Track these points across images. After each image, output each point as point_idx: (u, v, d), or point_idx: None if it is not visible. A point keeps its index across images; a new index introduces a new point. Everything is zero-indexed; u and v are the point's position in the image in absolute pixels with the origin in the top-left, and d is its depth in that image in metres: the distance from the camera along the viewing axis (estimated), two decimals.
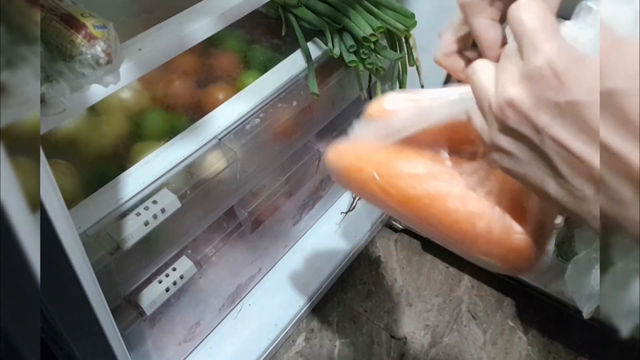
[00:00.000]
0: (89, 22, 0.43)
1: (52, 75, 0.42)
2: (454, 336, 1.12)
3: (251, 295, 1.04)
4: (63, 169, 0.65)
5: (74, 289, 0.45)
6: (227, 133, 0.71)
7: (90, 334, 0.52)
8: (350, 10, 0.81)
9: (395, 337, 1.11)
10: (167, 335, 0.85)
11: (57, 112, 0.42)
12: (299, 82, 0.80)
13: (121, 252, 0.58)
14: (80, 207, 0.59)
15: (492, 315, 1.16)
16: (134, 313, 0.68)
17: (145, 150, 0.68)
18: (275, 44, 0.88)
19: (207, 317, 0.94)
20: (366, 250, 1.25)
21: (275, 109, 0.76)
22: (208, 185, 0.68)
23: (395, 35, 0.89)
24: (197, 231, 0.75)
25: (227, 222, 0.81)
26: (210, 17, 0.56)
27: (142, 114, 0.75)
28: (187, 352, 0.94)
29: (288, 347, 1.06)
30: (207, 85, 0.81)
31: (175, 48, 0.54)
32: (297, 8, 0.83)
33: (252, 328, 0.99)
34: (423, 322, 1.14)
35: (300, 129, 0.86)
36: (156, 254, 0.70)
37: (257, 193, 0.84)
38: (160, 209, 0.61)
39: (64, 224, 0.39)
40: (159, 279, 0.71)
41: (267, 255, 1.04)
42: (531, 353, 1.10)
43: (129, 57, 0.49)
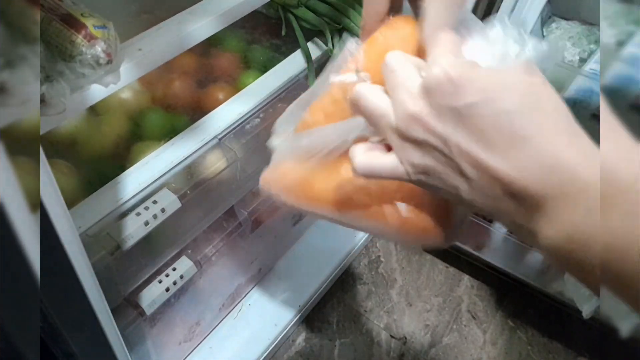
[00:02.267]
0: (89, 22, 0.43)
1: (52, 75, 0.42)
2: (453, 336, 1.12)
3: (251, 295, 1.04)
4: (63, 169, 0.64)
5: (74, 289, 0.45)
6: (227, 133, 0.71)
7: (90, 334, 0.52)
8: (350, 10, 0.81)
9: (395, 337, 1.11)
10: (167, 335, 0.85)
11: (57, 112, 0.42)
12: (299, 82, 0.80)
13: (121, 252, 0.58)
14: (80, 207, 0.59)
15: (492, 315, 1.16)
16: (134, 313, 0.68)
17: (145, 150, 0.68)
18: (275, 44, 0.88)
19: (207, 317, 0.94)
20: (366, 250, 1.25)
21: (275, 109, 0.76)
22: (208, 185, 0.68)
23: None
24: (197, 231, 0.75)
25: (227, 222, 0.81)
26: (210, 17, 0.56)
27: (142, 114, 0.75)
28: (187, 352, 0.94)
29: (288, 347, 1.06)
30: (207, 85, 0.81)
31: (175, 48, 0.54)
32: (297, 8, 0.83)
33: (252, 328, 0.99)
34: (423, 322, 1.14)
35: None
36: (156, 254, 0.70)
37: (257, 193, 0.84)
38: (160, 209, 0.61)
39: (64, 224, 0.39)
40: (159, 279, 0.71)
41: (267, 255, 1.04)
42: (531, 353, 1.10)
43: (129, 57, 0.49)
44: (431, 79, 0.29)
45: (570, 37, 0.94)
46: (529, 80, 0.29)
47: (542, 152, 0.27)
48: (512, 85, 0.28)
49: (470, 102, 0.28)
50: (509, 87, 0.28)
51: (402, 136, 0.31)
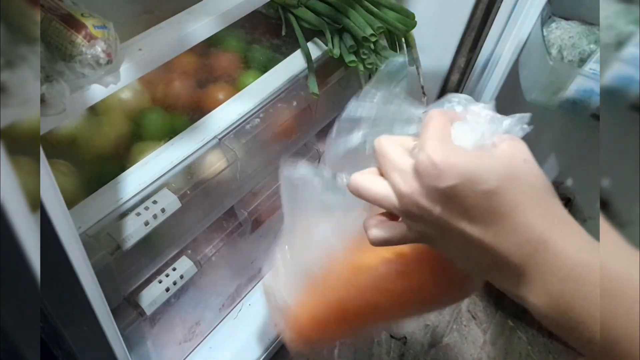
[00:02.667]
0: (89, 22, 0.43)
1: (52, 75, 0.42)
2: (453, 336, 1.12)
3: (251, 295, 1.04)
4: (63, 169, 0.64)
5: (74, 289, 0.45)
6: (227, 133, 0.71)
7: (90, 334, 0.52)
8: (350, 10, 0.81)
9: (395, 337, 1.11)
10: (167, 335, 0.85)
11: (57, 112, 0.42)
12: (299, 82, 0.80)
13: (121, 252, 0.58)
14: (80, 207, 0.59)
15: (492, 315, 1.16)
16: (134, 313, 0.68)
17: (145, 150, 0.68)
18: (275, 44, 0.88)
19: (207, 317, 0.94)
20: None
21: (275, 109, 0.76)
22: (208, 185, 0.68)
23: (395, 35, 0.89)
24: (197, 231, 0.75)
25: (227, 222, 0.81)
26: (210, 17, 0.56)
27: (142, 114, 0.75)
28: (187, 352, 0.94)
29: None
30: (207, 85, 0.81)
31: (175, 48, 0.54)
32: (297, 8, 0.83)
33: (252, 328, 0.99)
34: (423, 322, 1.14)
35: (300, 129, 0.86)
36: (156, 254, 0.70)
37: (257, 193, 0.84)
38: (160, 209, 0.61)
39: (64, 224, 0.39)
40: (159, 279, 0.71)
41: (267, 255, 1.04)
42: (531, 353, 1.10)
43: (129, 57, 0.49)
44: (418, 163, 0.33)
45: (570, 37, 0.94)
46: (508, 158, 0.32)
47: (517, 227, 0.31)
48: (490, 168, 0.31)
49: (452, 185, 0.31)
50: (486, 169, 0.31)
51: (403, 211, 0.35)
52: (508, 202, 0.31)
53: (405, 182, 0.34)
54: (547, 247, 0.30)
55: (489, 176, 0.31)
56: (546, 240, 0.30)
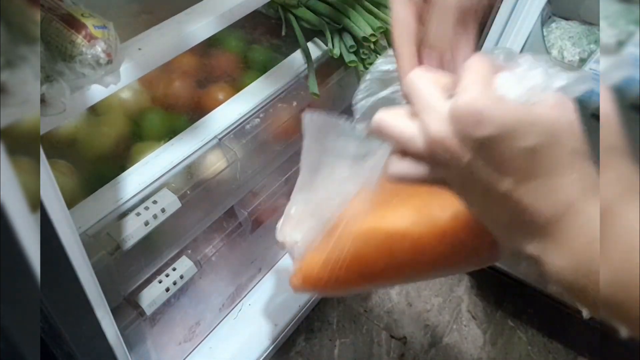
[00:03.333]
0: (89, 22, 0.43)
1: (52, 75, 0.42)
2: (453, 336, 1.12)
3: (251, 295, 1.04)
4: (63, 169, 0.64)
5: (74, 289, 0.45)
6: (227, 133, 0.71)
7: (90, 334, 0.52)
8: (350, 10, 0.82)
9: (395, 337, 1.11)
10: (167, 335, 0.85)
11: (57, 112, 0.42)
12: (299, 82, 0.80)
13: (121, 252, 0.58)
14: (80, 207, 0.59)
15: (492, 315, 1.16)
16: (134, 313, 0.68)
17: (145, 150, 0.68)
18: (275, 44, 0.88)
19: (207, 317, 0.94)
20: None
21: (275, 109, 0.76)
22: (208, 185, 0.68)
23: None
24: (197, 231, 0.75)
25: (227, 222, 0.81)
26: (210, 17, 0.56)
27: (142, 114, 0.75)
28: (187, 352, 0.94)
29: (288, 347, 1.06)
30: (207, 85, 0.81)
31: (175, 48, 0.54)
32: (297, 8, 0.83)
33: (252, 328, 0.99)
34: (423, 322, 1.14)
35: (300, 129, 0.86)
36: (156, 254, 0.70)
37: (257, 193, 0.84)
38: (160, 209, 0.61)
39: (64, 224, 0.39)
40: (159, 279, 0.71)
41: (267, 255, 1.04)
42: (531, 353, 1.10)
43: (129, 57, 0.49)
44: (458, 106, 0.30)
45: (570, 37, 0.94)
46: (553, 118, 0.30)
47: (550, 189, 0.30)
48: (532, 124, 0.30)
49: (489, 135, 0.29)
50: (529, 125, 0.30)
51: (430, 156, 0.33)
52: (545, 163, 0.30)
53: (438, 124, 0.31)
54: (578, 211, 0.30)
55: (530, 134, 0.29)
56: (577, 205, 0.30)
